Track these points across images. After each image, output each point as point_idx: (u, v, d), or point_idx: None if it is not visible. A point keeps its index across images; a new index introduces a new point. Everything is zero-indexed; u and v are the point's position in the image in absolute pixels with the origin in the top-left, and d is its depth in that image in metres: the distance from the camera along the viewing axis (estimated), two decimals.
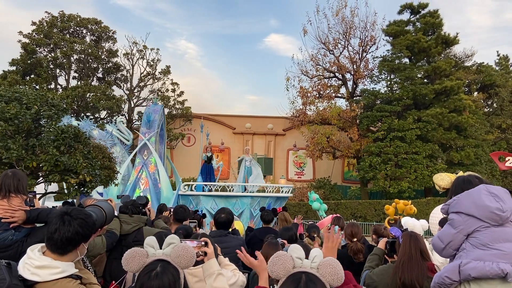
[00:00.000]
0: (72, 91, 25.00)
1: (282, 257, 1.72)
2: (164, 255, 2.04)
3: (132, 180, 13.58)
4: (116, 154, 14.16)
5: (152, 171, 13.71)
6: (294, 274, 1.69)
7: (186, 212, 5.46)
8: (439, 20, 26.60)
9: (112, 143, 14.24)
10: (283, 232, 4.99)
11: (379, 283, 3.47)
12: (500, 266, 2.43)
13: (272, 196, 15.47)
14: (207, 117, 30.06)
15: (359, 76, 27.07)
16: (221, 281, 2.67)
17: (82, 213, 2.30)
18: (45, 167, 9.17)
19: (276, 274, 1.71)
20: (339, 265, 1.72)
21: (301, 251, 1.76)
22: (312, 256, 1.75)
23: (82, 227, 2.24)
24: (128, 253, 2.01)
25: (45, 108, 9.39)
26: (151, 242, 2.08)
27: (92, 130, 14.30)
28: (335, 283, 1.70)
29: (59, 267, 2.17)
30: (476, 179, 2.84)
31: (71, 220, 2.22)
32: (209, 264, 2.69)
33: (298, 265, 1.72)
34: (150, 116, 14.17)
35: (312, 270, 1.71)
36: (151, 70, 29.30)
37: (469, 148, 24.19)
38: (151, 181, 13.56)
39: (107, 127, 14.33)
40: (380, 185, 23.24)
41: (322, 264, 1.71)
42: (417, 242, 3.34)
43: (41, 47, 26.69)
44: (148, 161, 13.79)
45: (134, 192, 13.27)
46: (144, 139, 13.86)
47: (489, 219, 2.54)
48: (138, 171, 13.70)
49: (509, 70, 33.63)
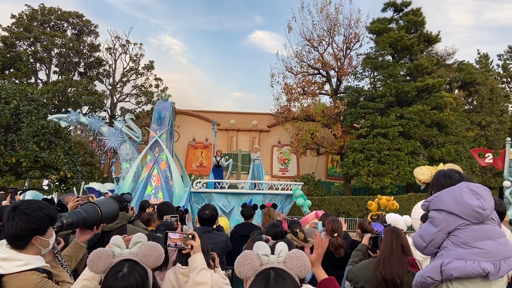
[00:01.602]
0: (52, 86, 24.51)
1: (248, 256, 1.70)
2: (131, 254, 1.99)
3: (144, 177, 13.49)
4: (126, 151, 14.07)
5: (163, 168, 13.67)
6: (262, 272, 1.67)
7: (170, 208, 5.43)
8: (421, 18, 26.93)
9: (122, 140, 14.07)
10: (270, 228, 5.00)
11: (361, 278, 3.50)
12: (481, 265, 2.45)
13: (283, 194, 15.51)
14: (192, 113, 29.91)
15: (343, 73, 27.24)
16: (204, 276, 2.63)
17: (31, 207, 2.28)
18: (24, 163, 9.00)
19: (244, 274, 1.69)
20: (305, 256, 1.73)
21: (267, 248, 1.75)
22: (278, 251, 1.74)
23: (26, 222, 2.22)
24: (93, 254, 1.95)
25: (25, 103, 9.21)
26: (117, 241, 2.02)
27: (101, 127, 14.14)
28: (303, 274, 1.70)
29: (23, 260, 2.19)
30: (457, 173, 2.85)
31: (15, 216, 2.23)
32: (194, 258, 2.67)
33: (265, 262, 1.71)
34: (161, 113, 14.06)
35: (279, 264, 1.70)
36: (134, 65, 28.95)
37: (450, 145, 24.63)
38: (163, 178, 13.51)
39: (116, 124, 14.11)
40: (363, 181, 23.49)
41: (289, 257, 1.71)
42: (398, 237, 3.37)
43: (20, 41, 26.07)
44: (159, 158, 13.76)
45: (145, 189, 13.23)
46: (155, 136, 13.79)
47: (470, 217, 2.56)
48: (150, 168, 13.65)
49: (489, 68, 34.35)
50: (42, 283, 2.19)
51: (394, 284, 3.20)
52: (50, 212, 2.37)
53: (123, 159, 14.07)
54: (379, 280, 3.26)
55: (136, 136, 14.60)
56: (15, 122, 9.19)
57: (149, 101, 28.64)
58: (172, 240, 2.68)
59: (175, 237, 2.70)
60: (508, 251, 2.55)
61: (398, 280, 3.18)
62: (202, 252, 2.75)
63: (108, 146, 14.02)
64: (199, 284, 2.60)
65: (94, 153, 25.17)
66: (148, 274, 1.98)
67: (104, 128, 14.17)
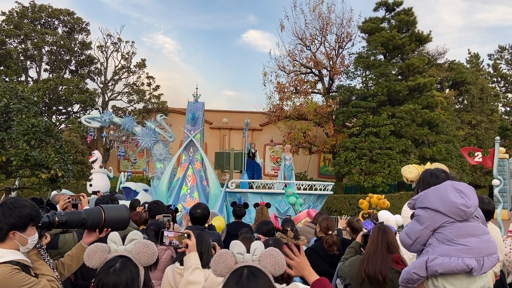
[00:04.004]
0: (43, 84, 24.28)
1: (223, 255, 1.74)
2: (125, 251, 2.03)
3: (179, 177, 13.57)
4: (159, 151, 14.10)
5: (198, 168, 13.78)
6: (236, 270, 1.70)
7: (160, 207, 5.42)
8: (413, 18, 27.08)
9: (155, 140, 14.05)
10: (261, 226, 5.02)
11: (348, 275, 3.56)
12: (465, 261, 2.50)
13: (315, 194, 15.54)
14: (184, 111, 29.77)
15: (335, 72, 27.33)
16: (197, 275, 2.66)
17: (16, 203, 2.38)
18: (15, 162, 8.93)
19: (219, 273, 1.72)
20: (279, 254, 1.75)
21: (242, 247, 1.77)
22: (253, 249, 1.77)
23: (7, 216, 2.32)
24: (90, 248, 2.01)
25: (15, 101, 9.13)
26: (113, 237, 2.07)
27: (134, 127, 14.10)
28: (277, 272, 1.72)
29: None
30: (443, 173, 2.91)
31: (0, 208, 2.34)
32: (188, 257, 2.70)
33: (240, 260, 1.74)
34: (195, 114, 14.17)
35: (253, 263, 1.73)
36: (126, 63, 28.77)
37: (441, 144, 24.83)
38: (198, 178, 13.62)
39: (149, 124, 14.07)
40: (355, 179, 23.61)
41: (263, 256, 1.74)
42: (384, 235, 3.42)
43: (11, 38, 25.77)
44: (194, 158, 13.86)
45: (181, 189, 13.32)
46: (190, 136, 13.89)
47: (455, 215, 2.61)
48: (185, 168, 13.73)
49: (480, 68, 34.68)
50: (11, 274, 2.22)
51: (377, 281, 3.25)
52: (32, 212, 2.42)
53: (157, 159, 14.14)
54: (363, 277, 3.31)
55: (169, 136, 14.62)
56: (5, 121, 9.12)
57: (141, 100, 28.49)
58: (167, 238, 2.70)
59: (171, 235, 2.72)
60: (491, 248, 2.61)
61: (380, 277, 3.23)
62: (203, 253, 2.78)
63: (141, 146, 14.08)
64: (191, 283, 2.64)
65: (85, 152, 24.99)
66: (140, 272, 2.00)
67: (137, 128, 14.21)
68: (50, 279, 2.42)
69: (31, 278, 2.31)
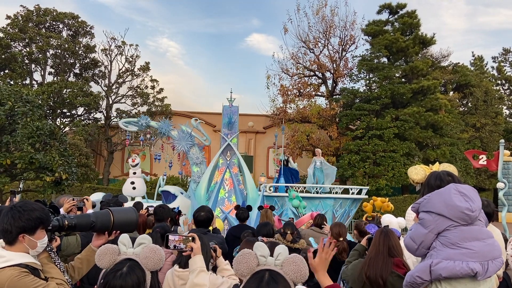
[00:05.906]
0: (48, 87, 24.39)
1: (246, 256, 1.72)
2: (134, 254, 2.05)
3: (217, 180, 13.69)
4: (196, 155, 14.14)
5: (235, 172, 13.92)
6: (258, 272, 1.68)
7: (166, 211, 5.42)
8: (416, 20, 27.04)
9: (191, 144, 14.10)
10: (261, 227, 5.01)
11: (350, 278, 3.55)
12: (469, 265, 2.48)
13: (351, 198, 15.48)
14: (188, 114, 29.85)
15: (339, 75, 27.31)
16: (202, 278, 2.67)
17: (25, 206, 2.39)
18: (19, 165, 8.97)
19: (240, 273, 1.71)
20: (303, 262, 1.72)
21: (265, 249, 1.76)
22: (277, 254, 1.75)
23: (17, 218, 2.33)
24: (101, 249, 2.04)
25: (20, 104, 9.18)
26: (124, 240, 2.10)
27: (171, 131, 14.18)
28: (299, 280, 1.70)
29: (5, 256, 2.28)
30: (448, 176, 2.88)
31: (9, 212, 2.35)
32: (194, 260, 2.71)
33: (262, 263, 1.72)
34: (231, 118, 14.23)
35: (276, 267, 1.71)
36: (130, 66, 28.87)
37: (445, 147, 24.73)
38: (235, 181, 13.74)
39: (185, 128, 14.12)
40: (359, 182, 23.55)
41: (286, 262, 1.71)
42: (386, 239, 3.41)
43: (16, 42, 25.92)
44: (231, 162, 14.01)
45: (218, 192, 13.44)
46: (227, 140, 14.03)
47: (459, 219, 2.59)
48: (223, 172, 13.87)
49: (484, 70, 34.54)
50: (19, 277, 2.23)
51: (378, 285, 3.24)
52: (42, 215, 2.42)
53: (193, 162, 14.15)
54: (364, 280, 3.30)
55: (204, 139, 14.67)
56: (10, 124, 9.16)
57: (144, 103, 28.56)
58: (172, 242, 2.71)
59: (176, 239, 2.73)
60: (495, 252, 2.59)
61: (381, 280, 3.22)
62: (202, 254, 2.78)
63: (178, 149, 14.11)
64: (196, 286, 2.65)
65: (89, 154, 25.08)
66: (146, 277, 2.03)
67: (174, 132, 14.23)
68: (59, 282, 2.42)
69: (40, 281, 2.31)
